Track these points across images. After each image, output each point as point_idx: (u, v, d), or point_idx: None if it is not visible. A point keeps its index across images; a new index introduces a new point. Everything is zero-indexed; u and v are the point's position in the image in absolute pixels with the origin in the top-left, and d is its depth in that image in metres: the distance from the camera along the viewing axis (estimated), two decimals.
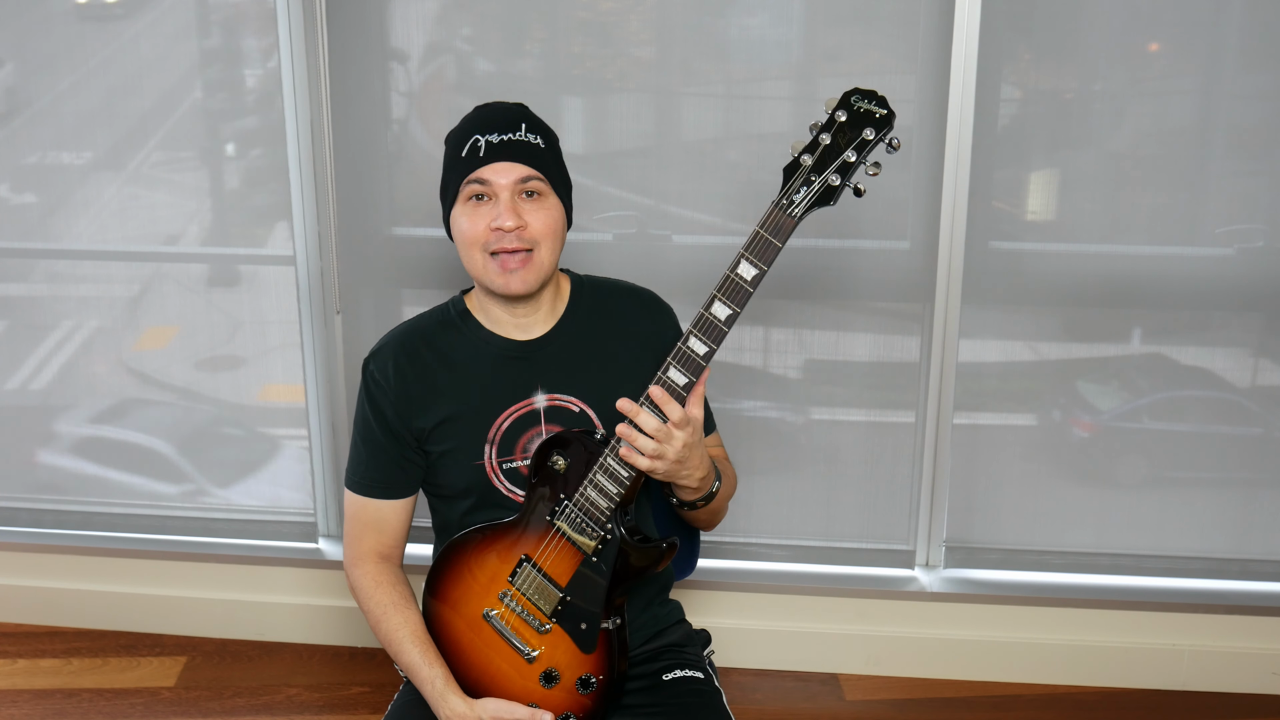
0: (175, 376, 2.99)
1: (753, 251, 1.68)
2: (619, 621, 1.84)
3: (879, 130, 1.64)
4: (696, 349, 1.70)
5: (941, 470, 2.82)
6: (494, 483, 1.91)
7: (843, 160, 1.65)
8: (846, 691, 2.86)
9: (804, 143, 1.66)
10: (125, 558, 3.02)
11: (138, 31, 2.78)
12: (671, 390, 1.71)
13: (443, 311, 1.98)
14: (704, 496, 1.85)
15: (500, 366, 1.92)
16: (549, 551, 1.82)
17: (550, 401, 1.91)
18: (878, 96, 1.65)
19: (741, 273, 1.68)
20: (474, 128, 1.86)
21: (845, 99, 1.65)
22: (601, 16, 2.65)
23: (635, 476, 1.76)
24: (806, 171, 1.66)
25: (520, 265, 1.83)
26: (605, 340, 1.95)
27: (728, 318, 1.69)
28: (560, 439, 1.83)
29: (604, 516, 1.78)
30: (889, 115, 1.64)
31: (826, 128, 1.65)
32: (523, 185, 1.83)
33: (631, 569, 1.80)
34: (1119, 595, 2.84)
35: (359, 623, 2.98)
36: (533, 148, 1.84)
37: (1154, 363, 2.79)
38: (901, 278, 2.72)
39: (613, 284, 2.03)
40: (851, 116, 1.64)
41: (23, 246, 2.95)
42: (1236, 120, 2.66)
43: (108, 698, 2.81)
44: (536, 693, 1.84)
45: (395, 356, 1.92)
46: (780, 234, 1.67)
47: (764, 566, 2.91)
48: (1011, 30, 2.58)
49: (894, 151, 1.66)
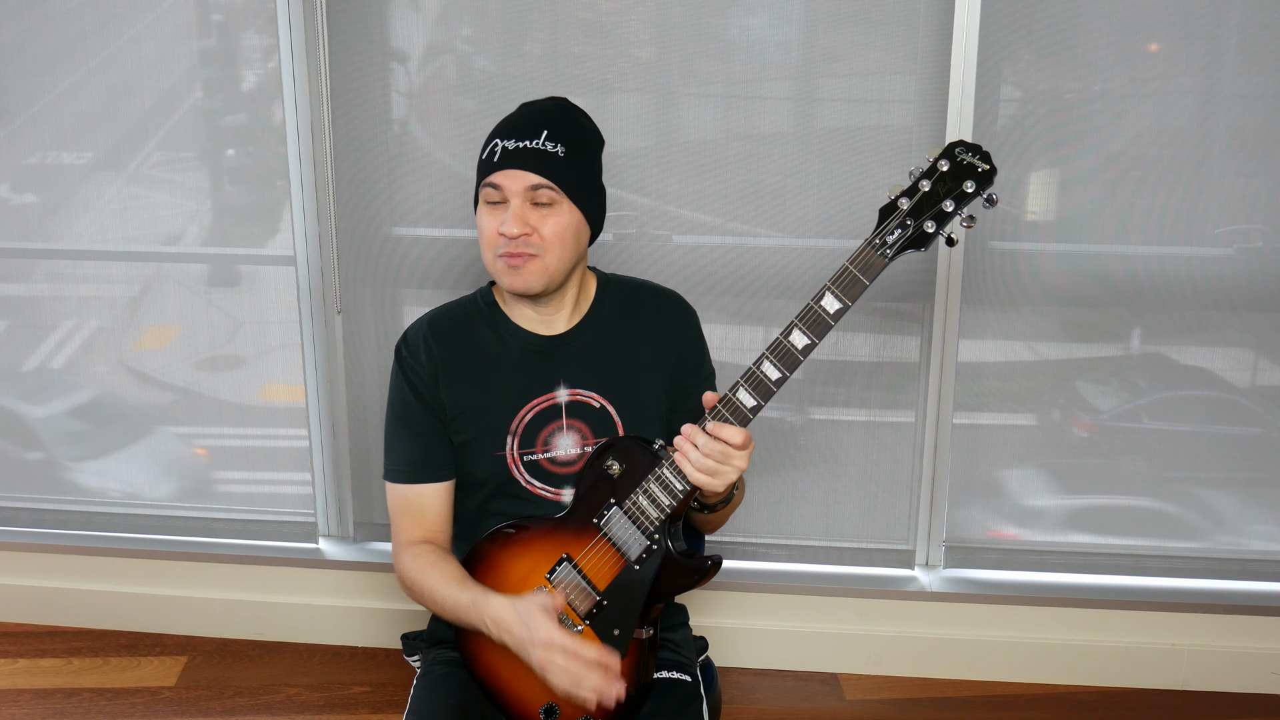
0: (175, 376, 2.99)
1: (839, 286, 1.69)
2: (651, 632, 1.85)
3: (979, 185, 1.64)
4: (769, 374, 1.72)
5: (941, 470, 2.82)
6: (514, 474, 1.94)
7: (940, 209, 1.65)
8: (846, 691, 2.86)
9: (902, 186, 1.67)
10: (125, 558, 3.02)
11: (138, 31, 2.78)
12: (738, 411, 1.73)
13: (471, 302, 2.01)
14: (723, 499, 1.86)
15: (525, 359, 1.95)
16: (591, 554, 1.84)
17: (572, 396, 1.94)
18: (982, 151, 1.65)
19: (825, 305, 1.69)
20: (498, 131, 1.90)
21: (950, 149, 1.65)
22: (601, 16, 2.65)
23: (689, 491, 1.76)
24: (903, 215, 1.66)
25: (524, 264, 1.86)
26: (628, 338, 1.98)
27: (805, 347, 1.71)
28: (618, 443, 1.84)
29: (653, 526, 1.79)
30: (991, 171, 1.64)
31: (928, 175, 1.66)
32: (533, 193, 1.86)
33: (674, 582, 1.81)
34: (1119, 595, 2.84)
35: (359, 623, 2.98)
36: (548, 156, 1.86)
37: (1154, 363, 2.79)
38: (901, 278, 2.72)
39: (638, 284, 2.06)
40: (953, 167, 1.65)
41: (23, 246, 2.95)
42: (1236, 120, 2.66)
43: (108, 697, 2.81)
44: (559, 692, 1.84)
45: (426, 339, 1.96)
46: (869, 272, 1.68)
47: (764, 566, 2.91)
48: (1011, 30, 2.58)
49: (990, 207, 1.65)
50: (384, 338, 2.85)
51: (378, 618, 2.96)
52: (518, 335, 1.96)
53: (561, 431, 1.93)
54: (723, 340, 2.74)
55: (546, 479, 1.95)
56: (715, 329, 2.68)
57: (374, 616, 2.97)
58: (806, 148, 2.69)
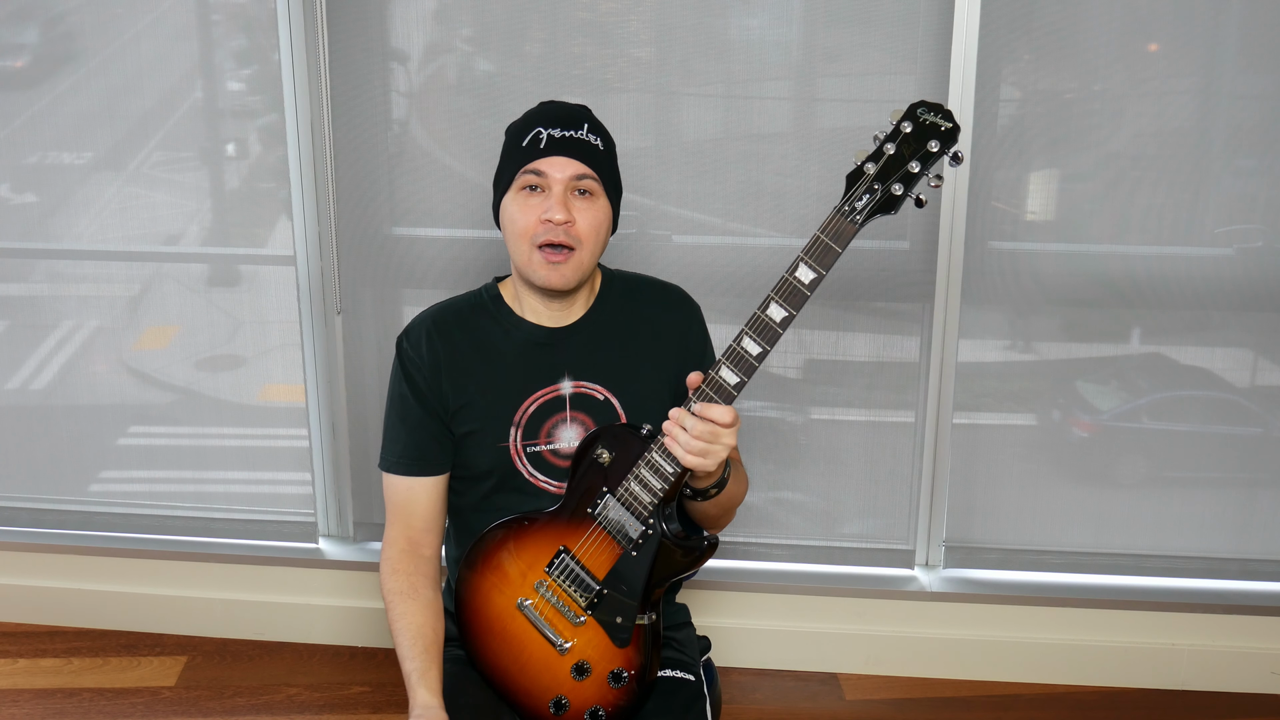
0: (175, 376, 2.99)
1: (812, 255, 1.70)
2: (654, 617, 1.85)
3: (944, 143, 1.65)
4: (750, 349, 1.73)
5: (941, 470, 2.82)
6: (517, 465, 1.94)
7: (906, 170, 1.66)
8: (846, 691, 2.86)
9: (868, 151, 1.67)
10: (125, 558, 3.02)
11: (138, 31, 2.78)
12: (722, 389, 1.73)
13: (475, 296, 2.02)
14: (716, 483, 1.86)
15: (528, 351, 1.96)
16: (588, 544, 1.84)
17: (576, 388, 1.95)
18: (943, 110, 1.66)
19: (800, 276, 1.70)
20: (538, 120, 1.90)
21: (911, 110, 1.66)
22: (601, 16, 2.65)
23: (680, 473, 1.77)
24: (870, 180, 1.67)
25: (564, 260, 1.87)
26: (631, 332, 1.99)
27: (783, 320, 1.71)
28: (606, 432, 1.85)
29: (646, 511, 1.80)
30: (954, 129, 1.65)
31: (891, 138, 1.66)
32: (577, 183, 1.87)
33: (671, 565, 1.82)
34: (1119, 595, 2.84)
35: (359, 623, 2.98)
36: (592, 148, 1.89)
37: (1154, 363, 2.79)
38: (901, 278, 2.73)
39: (642, 279, 2.08)
40: (917, 128, 1.65)
41: (23, 246, 2.95)
42: (1236, 120, 2.66)
43: (108, 697, 2.81)
44: (567, 684, 1.85)
45: (428, 333, 1.97)
46: (840, 239, 1.68)
47: (764, 566, 2.91)
48: (1011, 30, 2.58)
49: (957, 165, 1.66)
50: (384, 338, 2.85)
51: (378, 618, 2.96)
52: (522, 328, 1.96)
53: (565, 424, 1.94)
54: (723, 340, 2.72)
55: (549, 471, 1.95)
56: (715, 329, 2.66)
57: (374, 616, 2.97)
58: (806, 148, 2.69)
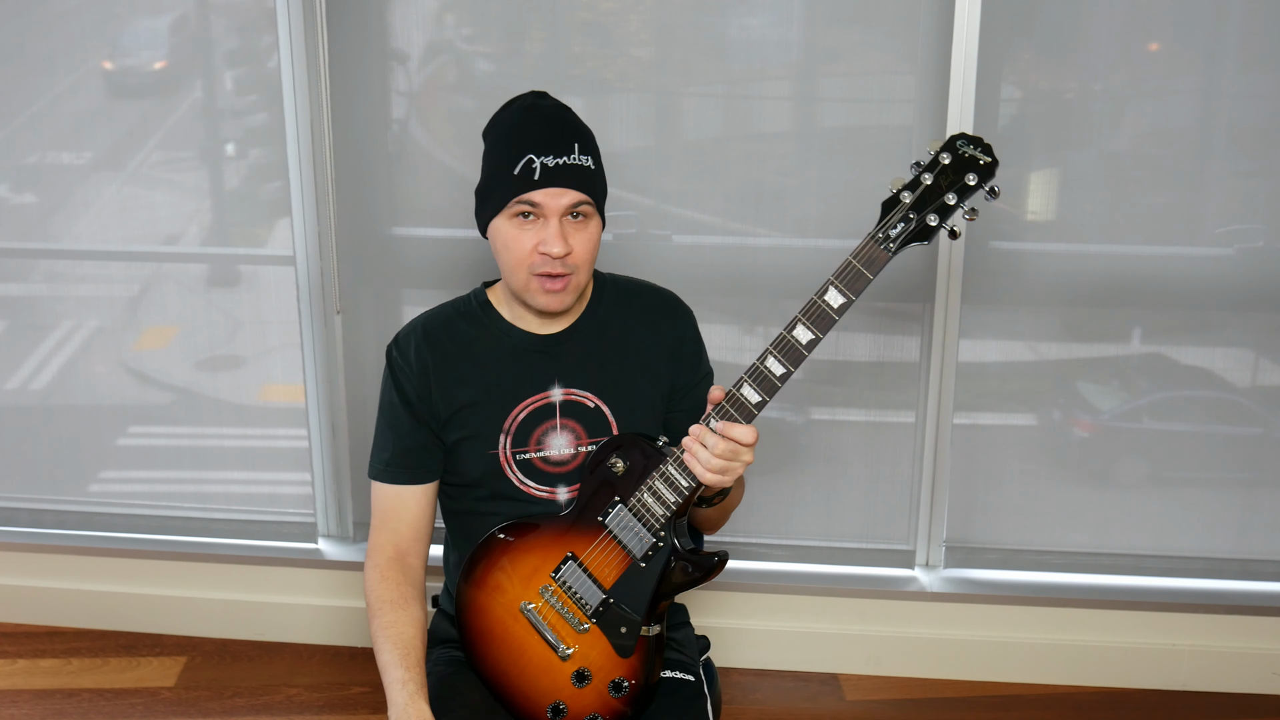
0: (175, 376, 2.99)
1: (842, 280, 1.69)
2: (658, 629, 1.85)
3: (981, 177, 1.65)
4: (774, 369, 1.71)
5: (941, 470, 2.82)
6: (507, 473, 1.93)
7: (942, 202, 1.65)
8: (846, 691, 2.86)
9: (904, 180, 1.67)
10: (125, 558, 3.02)
11: (138, 31, 2.78)
12: (743, 407, 1.72)
13: (464, 303, 2.00)
14: (721, 491, 1.85)
15: (519, 358, 1.94)
16: (596, 552, 1.84)
17: (566, 396, 1.93)
18: (984, 144, 1.65)
19: (829, 299, 1.69)
20: (528, 144, 1.83)
21: (950, 142, 1.66)
22: (601, 16, 2.65)
23: (695, 488, 1.77)
24: (905, 209, 1.66)
25: (561, 288, 1.85)
26: (624, 338, 1.97)
27: (809, 342, 1.70)
28: (621, 441, 1.84)
29: (658, 523, 1.79)
30: (992, 164, 1.65)
31: (929, 168, 1.66)
32: (572, 207, 1.83)
33: (680, 579, 1.81)
34: (1119, 595, 2.84)
35: (359, 623, 2.98)
36: (584, 171, 1.84)
37: (1154, 363, 2.79)
38: (901, 278, 2.72)
39: (635, 283, 2.05)
40: (955, 160, 1.65)
41: (23, 246, 2.95)
42: (1236, 120, 2.66)
43: (108, 698, 2.81)
44: (566, 690, 1.85)
45: (417, 341, 1.95)
46: (872, 266, 1.67)
47: (764, 566, 2.91)
48: (1011, 30, 2.58)
49: (992, 199, 1.65)
50: (383, 338, 2.84)
51: None
52: (512, 334, 1.95)
53: (555, 431, 1.93)
54: (723, 340, 2.74)
55: (539, 478, 1.94)
56: (715, 329, 2.68)
57: None
58: (806, 147, 2.69)
